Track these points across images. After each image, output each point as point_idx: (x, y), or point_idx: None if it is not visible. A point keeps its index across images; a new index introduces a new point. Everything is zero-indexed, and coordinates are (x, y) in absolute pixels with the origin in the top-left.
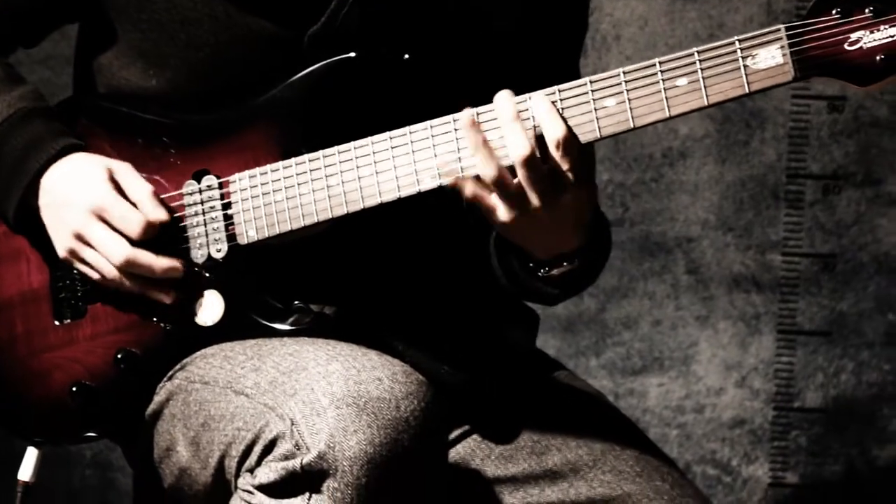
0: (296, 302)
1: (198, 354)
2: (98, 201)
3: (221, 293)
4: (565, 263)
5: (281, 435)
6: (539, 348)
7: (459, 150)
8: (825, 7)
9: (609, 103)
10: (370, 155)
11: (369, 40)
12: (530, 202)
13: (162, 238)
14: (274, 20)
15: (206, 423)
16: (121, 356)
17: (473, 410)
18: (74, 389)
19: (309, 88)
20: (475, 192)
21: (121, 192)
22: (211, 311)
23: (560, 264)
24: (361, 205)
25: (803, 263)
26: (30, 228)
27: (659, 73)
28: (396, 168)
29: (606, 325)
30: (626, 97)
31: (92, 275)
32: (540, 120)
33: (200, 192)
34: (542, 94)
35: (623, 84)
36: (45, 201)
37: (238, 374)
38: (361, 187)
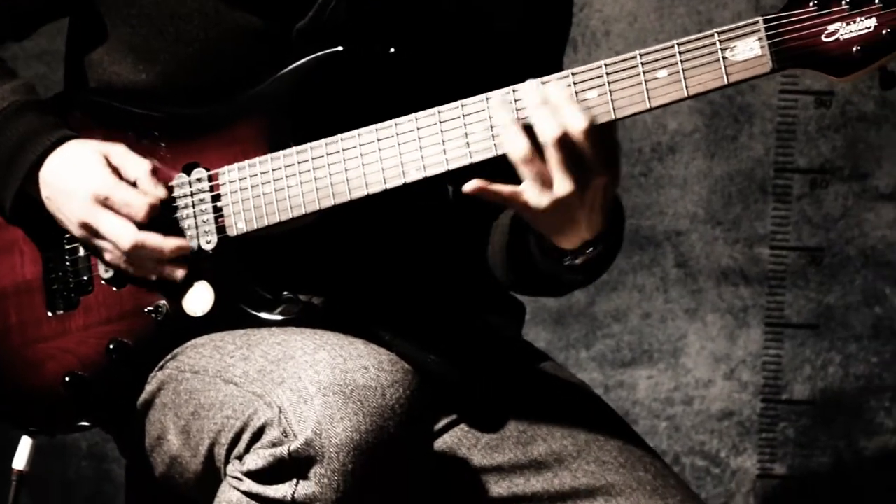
0: (285, 292)
1: (188, 344)
2: (98, 188)
3: (211, 284)
4: (590, 249)
5: (269, 422)
6: (526, 339)
7: (444, 143)
8: None
9: (591, 95)
10: (357, 147)
11: (356, 34)
12: (562, 183)
13: (154, 230)
14: (262, 15)
15: (196, 411)
16: (113, 346)
17: (460, 400)
18: (67, 379)
19: (297, 82)
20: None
21: (119, 175)
22: (201, 302)
23: (585, 251)
24: (348, 196)
25: (791, 257)
26: (25, 220)
27: (640, 66)
28: (383, 160)
29: (596, 318)
30: (607, 89)
31: (109, 259)
32: (563, 109)
33: (190, 184)
34: (555, 82)
35: (605, 76)
36: (46, 193)
37: (227, 363)
38: (348, 179)
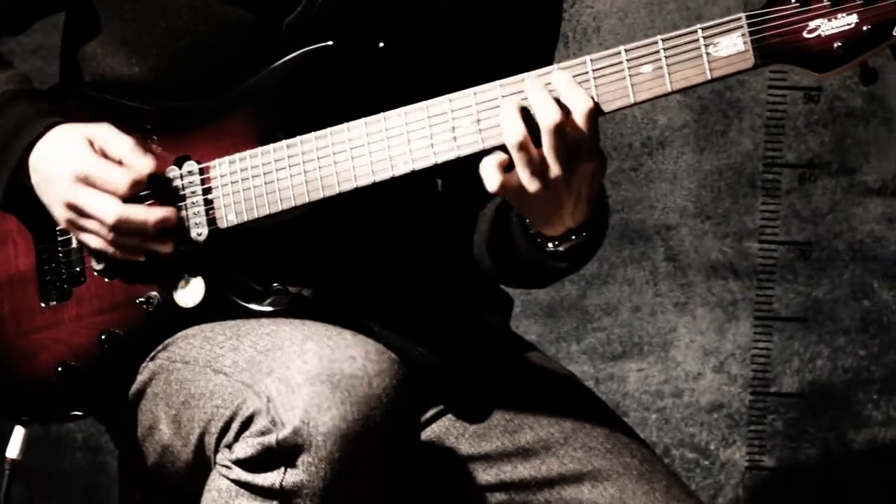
0: (274, 284)
1: (179, 335)
2: (79, 167)
3: (202, 276)
4: (573, 237)
5: (258, 411)
6: (513, 330)
7: (432, 137)
8: None
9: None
10: (346, 141)
11: (345, 29)
12: (553, 169)
13: None
14: (251, 9)
15: (187, 401)
16: (105, 337)
17: (447, 390)
18: (60, 369)
19: (287, 76)
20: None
21: (105, 155)
22: (192, 293)
23: (569, 238)
24: (337, 189)
25: (780, 251)
26: (19, 209)
27: (624, 61)
28: (371, 154)
29: (587, 312)
30: (592, 84)
31: (93, 242)
32: (565, 93)
33: (182, 177)
34: (560, 69)
35: (590, 72)
36: (35, 179)
37: (217, 353)
38: (337, 172)
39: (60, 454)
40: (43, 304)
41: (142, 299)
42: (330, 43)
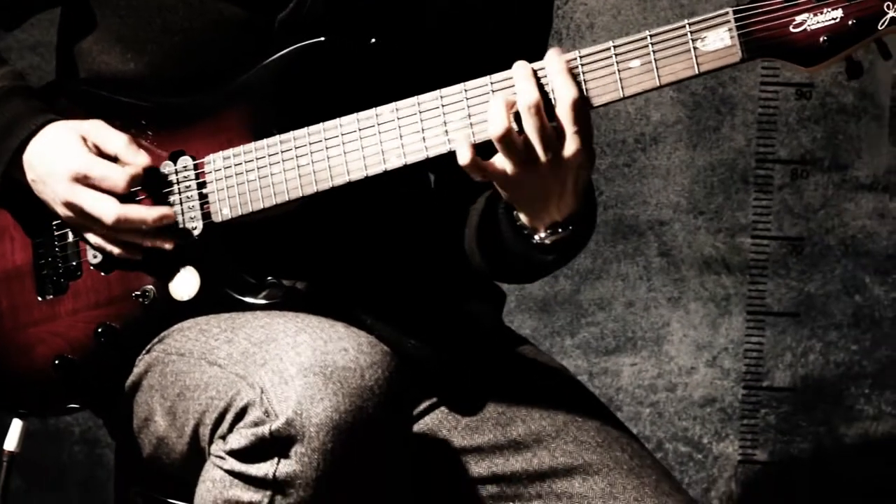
0: (269, 277)
1: (175, 328)
2: (76, 166)
3: (197, 269)
4: (560, 230)
5: (251, 403)
6: (506, 325)
7: (424, 132)
8: None
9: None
10: (338, 136)
11: (336, 25)
12: (536, 155)
13: None
14: (244, 6)
15: (182, 393)
16: (101, 330)
17: (440, 383)
18: (57, 362)
19: (280, 72)
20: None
21: (99, 152)
22: (187, 287)
23: (556, 231)
24: (330, 184)
25: (772, 246)
26: (14, 205)
27: (613, 56)
28: (364, 148)
29: (581, 306)
30: (582, 78)
31: (93, 239)
32: (552, 79)
33: (177, 172)
34: (555, 55)
35: (580, 66)
36: (31, 177)
37: (212, 345)
38: (330, 167)
39: (59, 448)
40: (40, 298)
41: (138, 293)
42: (322, 39)
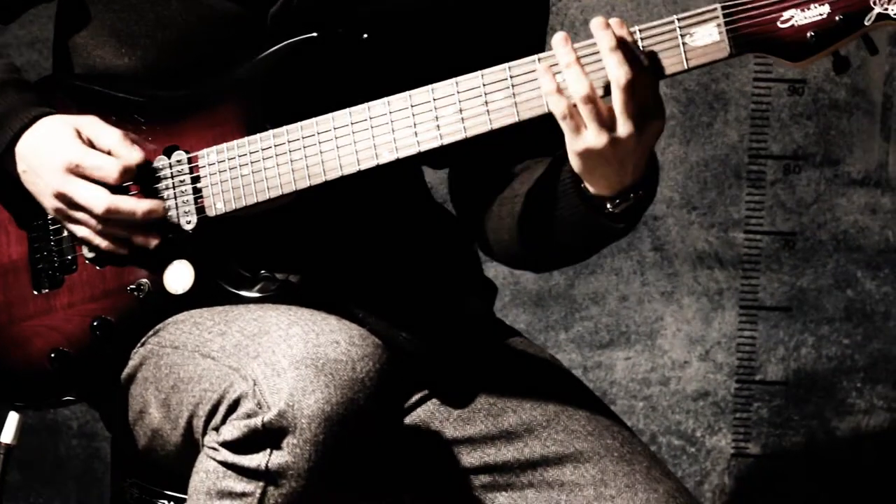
0: (262, 271)
1: (169, 321)
2: (69, 157)
3: (192, 263)
4: (631, 195)
5: (244, 395)
6: (497, 316)
7: (416, 126)
8: None
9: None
10: (331, 131)
11: (328, 20)
12: (623, 128)
13: None
14: (236, 1)
15: (176, 385)
16: (96, 324)
17: (432, 375)
18: (53, 356)
19: (272, 67)
20: (567, 110)
21: (93, 146)
22: (182, 280)
23: (627, 197)
24: (323, 178)
25: (764, 241)
26: (8, 198)
27: None
28: (356, 143)
29: (575, 301)
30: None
31: (80, 232)
32: (630, 61)
33: (171, 166)
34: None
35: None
36: (22, 168)
37: (206, 338)
38: (323, 161)
39: (56, 441)
40: (35, 292)
41: (132, 286)
42: (314, 34)
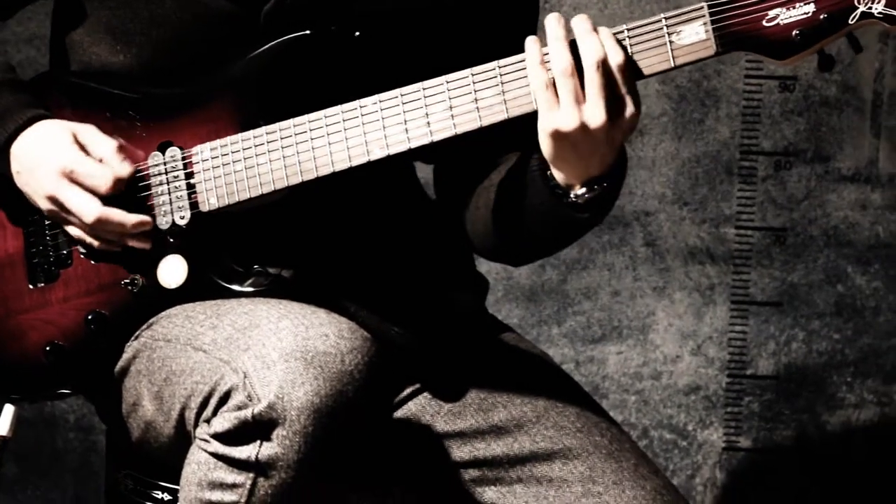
0: (255, 266)
1: (162, 314)
2: (64, 163)
3: (185, 257)
4: (596, 186)
5: (234, 387)
6: (488, 311)
7: (406, 123)
8: None
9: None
10: (324, 127)
11: (321, 18)
12: (594, 109)
13: (129, 206)
14: None
15: (168, 378)
16: (91, 317)
17: (423, 370)
18: (48, 349)
19: (266, 65)
20: (545, 82)
21: (87, 152)
22: (175, 275)
23: (592, 188)
24: (315, 174)
25: (756, 236)
26: (2, 196)
27: None
28: (348, 139)
29: (567, 296)
30: None
31: (74, 232)
32: (606, 45)
33: (165, 163)
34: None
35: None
36: (16, 168)
37: (197, 331)
38: (315, 157)
39: (53, 434)
40: (31, 286)
41: (126, 281)
42: (307, 32)
